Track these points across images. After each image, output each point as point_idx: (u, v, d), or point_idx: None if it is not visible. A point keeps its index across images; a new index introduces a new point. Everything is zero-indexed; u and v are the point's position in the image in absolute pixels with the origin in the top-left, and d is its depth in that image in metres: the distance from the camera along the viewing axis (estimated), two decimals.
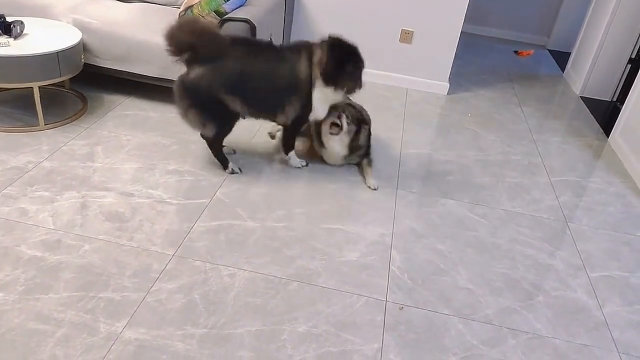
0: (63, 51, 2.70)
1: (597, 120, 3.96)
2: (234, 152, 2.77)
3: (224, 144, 2.63)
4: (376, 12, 3.82)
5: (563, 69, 4.99)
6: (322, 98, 2.51)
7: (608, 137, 3.63)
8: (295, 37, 3.98)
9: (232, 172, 2.59)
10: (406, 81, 4.05)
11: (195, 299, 1.86)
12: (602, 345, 1.91)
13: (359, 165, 2.81)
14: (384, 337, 1.82)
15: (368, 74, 4.01)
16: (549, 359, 1.83)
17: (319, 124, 2.68)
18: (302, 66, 2.43)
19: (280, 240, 2.21)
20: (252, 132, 3.02)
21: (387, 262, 2.18)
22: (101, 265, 1.94)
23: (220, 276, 1.98)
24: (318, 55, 2.44)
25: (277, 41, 3.52)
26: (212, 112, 2.43)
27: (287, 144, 2.68)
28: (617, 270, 2.32)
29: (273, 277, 2.01)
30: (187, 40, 2.30)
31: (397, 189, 2.68)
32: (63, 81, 2.97)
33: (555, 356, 1.85)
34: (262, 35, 3.03)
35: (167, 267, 1.98)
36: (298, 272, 2.05)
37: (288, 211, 2.40)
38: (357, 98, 2.80)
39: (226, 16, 2.94)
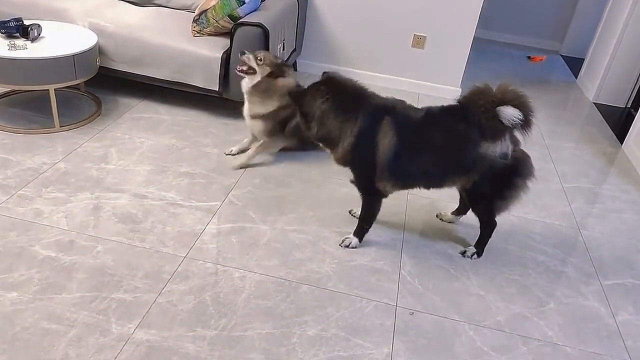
0: (79, 54, 2.74)
1: (610, 126, 3.92)
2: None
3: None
4: (389, 16, 3.83)
5: (576, 75, 4.96)
6: None
7: (622, 144, 3.60)
8: (308, 42, 4.00)
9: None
10: (418, 86, 4.04)
11: (206, 300, 1.87)
12: (614, 354, 1.89)
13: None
14: (394, 341, 1.82)
15: (380, 79, 4.05)
16: None
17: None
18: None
19: (291, 243, 2.22)
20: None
21: (397, 266, 2.17)
22: (114, 266, 1.96)
23: (231, 278, 1.99)
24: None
25: (290, 46, 3.54)
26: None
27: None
28: (630, 278, 2.30)
29: (283, 280, 2.01)
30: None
31: (408, 193, 2.68)
32: (78, 84, 3.01)
33: None
34: (274, 39, 3.05)
35: (178, 269, 1.99)
36: (308, 275, 2.06)
37: (299, 214, 2.41)
38: None
39: (240, 20, 2.96)
